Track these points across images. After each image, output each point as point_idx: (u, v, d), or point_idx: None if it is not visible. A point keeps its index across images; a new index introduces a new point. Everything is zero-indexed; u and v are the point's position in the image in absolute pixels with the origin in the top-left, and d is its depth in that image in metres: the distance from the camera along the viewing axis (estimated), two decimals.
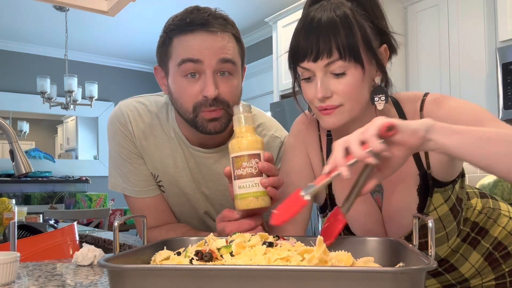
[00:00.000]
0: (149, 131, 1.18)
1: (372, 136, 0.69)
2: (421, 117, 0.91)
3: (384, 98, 0.88)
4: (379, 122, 0.70)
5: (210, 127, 1.05)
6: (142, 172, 1.19)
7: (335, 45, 0.82)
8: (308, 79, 0.88)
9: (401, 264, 0.65)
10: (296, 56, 0.87)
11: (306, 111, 1.03)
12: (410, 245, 0.68)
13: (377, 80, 0.91)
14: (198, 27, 1.02)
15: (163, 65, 1.10)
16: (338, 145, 0.72)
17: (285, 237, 0.78)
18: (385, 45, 0.90)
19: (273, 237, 0.77)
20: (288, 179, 1.02)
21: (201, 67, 1.02)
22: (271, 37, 4.41)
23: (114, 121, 1.19)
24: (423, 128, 0.71)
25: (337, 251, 0.70)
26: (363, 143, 0.70)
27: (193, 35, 1.02)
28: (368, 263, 0.69)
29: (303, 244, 0.71)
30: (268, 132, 1.22)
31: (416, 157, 0.92)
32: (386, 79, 0.91)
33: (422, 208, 0.92)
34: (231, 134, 1.15)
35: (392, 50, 0.92)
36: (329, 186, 1.01)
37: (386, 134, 0.70)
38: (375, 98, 0.88)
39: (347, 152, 0.71)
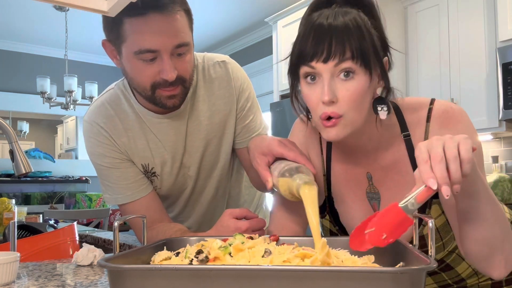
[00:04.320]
0: (122, 127, 1.19)
1: (471, 158, 0.66)
2: (427, 129, 0.90)
3: (386, 109, 0.86)
4: (470, 141, 0.68)
5: (169, 103, 1.08)
6: (131, 174, 1.21)
7: (348, 47, 0.80)
8: (312, 79, 0.85)
9: (401, 264, 0.65)
10: (303, 56, 0.84)
11: (303, 116, 0.99)
12: (410, 245, 0.68)
13: (379, 91, 0.89)
14: (150, 9, 0.99)
15: (115, 45, 1.08)
16: (438, 155, 0.67)
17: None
18: (386, 58, 0.89)
19: (269, 237, 0.78)
20: None
21: (158, 53, 1.02)
22: (271, 37, 4.41)
23: (88, 136, 1.21)
24: None
25: (338, 249, 0.69)
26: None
27: (144, 19, 0.99)
28: (368, 263, 0.69)
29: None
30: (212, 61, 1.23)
31: (415, 167, 0.91)
32: (388, 89, 0.88)
33: (419, 220, 0.91)
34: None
35: (389, 66, 0.90)
36: (329, 188, 1.01)
37: None
38: (378, 108, 0.86)
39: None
